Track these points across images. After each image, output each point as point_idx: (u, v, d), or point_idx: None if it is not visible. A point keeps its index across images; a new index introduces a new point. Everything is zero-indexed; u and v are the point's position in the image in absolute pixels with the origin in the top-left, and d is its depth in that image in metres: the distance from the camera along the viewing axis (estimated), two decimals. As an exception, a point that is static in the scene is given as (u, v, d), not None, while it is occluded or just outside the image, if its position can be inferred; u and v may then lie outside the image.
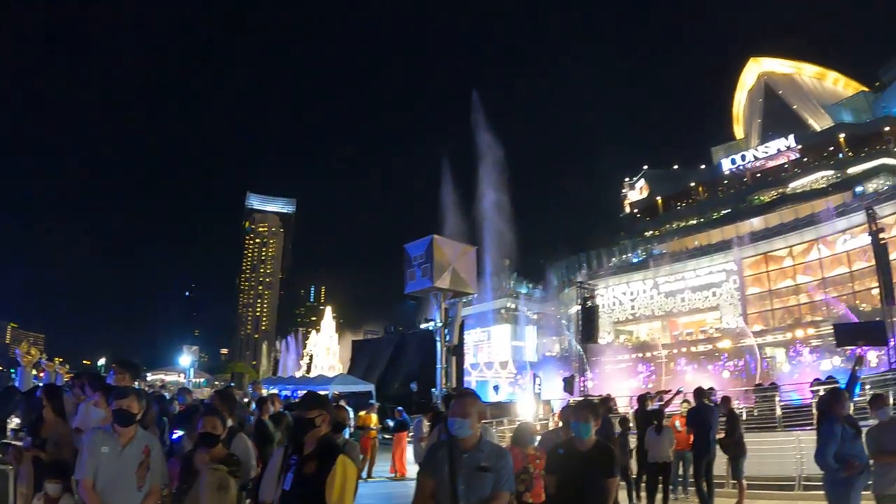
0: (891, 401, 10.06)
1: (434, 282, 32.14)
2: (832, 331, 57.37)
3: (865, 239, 62.60)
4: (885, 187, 73.26)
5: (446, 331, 34.05)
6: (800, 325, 64.18)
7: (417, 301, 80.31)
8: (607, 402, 16.40)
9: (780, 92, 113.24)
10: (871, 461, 7.80)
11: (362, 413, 22.79)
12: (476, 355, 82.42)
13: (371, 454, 21.38)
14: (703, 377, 50.37)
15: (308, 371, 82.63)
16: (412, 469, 18.69)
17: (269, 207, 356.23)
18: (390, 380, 51.07)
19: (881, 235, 34.34)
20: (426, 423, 15.27)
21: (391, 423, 24.56)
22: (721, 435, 13.94)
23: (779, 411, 21.56)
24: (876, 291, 59.21)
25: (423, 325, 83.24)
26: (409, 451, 21.34)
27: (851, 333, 27.16)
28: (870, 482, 7.88)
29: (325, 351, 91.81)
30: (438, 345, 33.73)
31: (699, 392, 13.69)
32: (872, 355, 42.58)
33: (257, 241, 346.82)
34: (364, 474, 19.55)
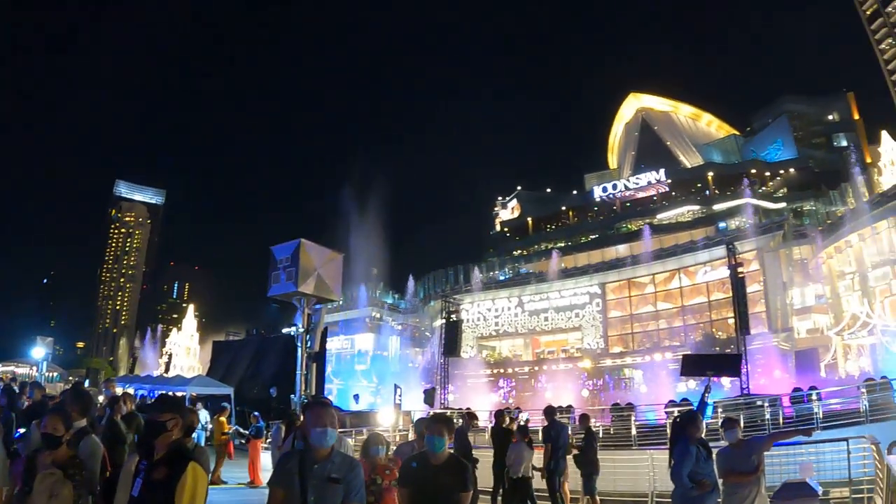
0: (741, 424, 10.30)
1: (298, 286, 30.74)
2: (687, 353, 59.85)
3: (724, 272, 64.48)
4: (747, 225, 76.03)
5: (308, 337, 32.60)
6: (658, 349, 65.72)
7: (281, 305, 78.48)
8: (472, 416, 15.82)
9: (656, 127, 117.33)
10: (721, 481, 8.10)
11: (216, 417, 22.27)
12: (339, 363, 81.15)
13: (219, 459, 20.26)
14: (564, 395, 50.81)
15: (167, 370, 79.26)
16: (267, 477, 17.40)
17: (138, 197, 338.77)
18: (250, 384, 48.84)
19: (739, 269, 35.52)
20: (283, 430, 14.70)
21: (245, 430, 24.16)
22: (576, 451, 14.20)
23: (634, 430, 22.62)
24: (731, 321, 61.64)
25: (285, 330, 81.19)
26: (267, 458, 20.06)
27: (697, 364, 27.46)
28: (719, 500, 8.15)
29: (185, 351, 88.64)
30: (299, 350, 32.24)
31: (550, 410, 13.97)
32: (726, 381, 43.78)
33: (123, 230, 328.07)
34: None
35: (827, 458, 12.89)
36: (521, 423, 15.66)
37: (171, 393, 35.46)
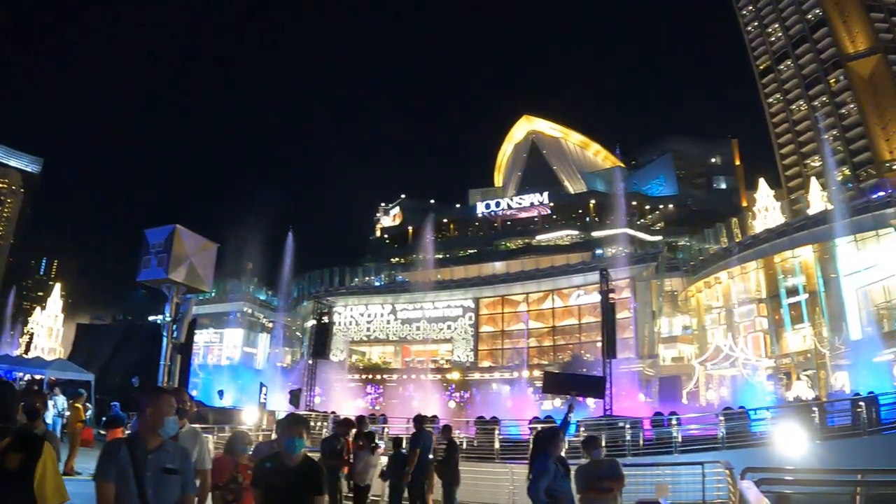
0: (602, 443, 10.46)
1: (169, 273, 28.91)
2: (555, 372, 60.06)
3: (597, 297, 65.85)
4: (623, 254, 77.44)
5: (175, 327, 30.56)
6: (527, 366, 66.05)
7: (150, 292, 75.41)
8: (349, 424, 14.82)
9: (545, 151, 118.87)
10: (578, 497, 8.07)
11: (72, 402, 20.88)
12: (206, 356, 78.40)
13: (73, 448, 18.69)
14: (430, 405, 50.14)
15: (26, 351, 74.28)
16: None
17: (13, 163, 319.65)
18: (112, 372, 45.94)
19: (612, 296, 35.71)
20: None
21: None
22: (438, 462, 14.20)
23: (497, 444, 22.81)
24: (599, 345, 62.40)
25: (151, 318, 77.54)
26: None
27: (559, 383, 27.29)
28: None
29: (47, 332, 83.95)
30: (165, 340, 30.21)
31: (419, 418, 13.93)
32: (591, 401, 44.02)
33: None
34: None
35: (683, 480, 13.70)
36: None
37: (28, 376, 32.78)
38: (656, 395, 53.87)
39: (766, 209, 61.38)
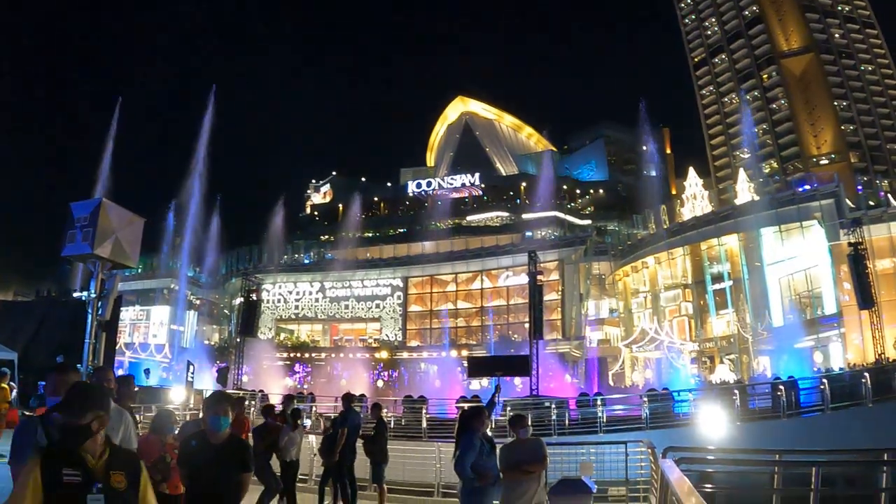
0: (529, 422, 9.98)
1: (94, 248, 27.72)
2: (483, 353, 60.31)
3: (525, 278, 66.31)
4: (552, 237, 78.05)
5: (100, 303, 29.41)
6: (455, 345, 66.13)
7: (74, 267, 73.61)
8: (291, 399, 15.55)
9: (478, 133, 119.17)
10: (502, 475, 8.16)
11: None
12: (132, 335, 76.50)
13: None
14: (358, 384, 49.98)
15: None
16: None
17: None
18: (36, 350, 44.38)
19: (540, 278, 36.18)
20: None
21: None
22: (365, 440, 14.38)
23: (425, 423, 23.53)
24: (527, 325, 62.82)
25: (75, 294, 75.29)
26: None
27: (485, 365, 27.34)
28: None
29: None
30: (89, 317, 29.03)
31: (348, 397, 14.18)
32: (518, 381, 44.36)
33: None
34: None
35: (607, 459, 13.85)
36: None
37: None
38: (582, 376, 54.65)
39: (695, 197, 62.36)
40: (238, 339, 48.28)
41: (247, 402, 29.60)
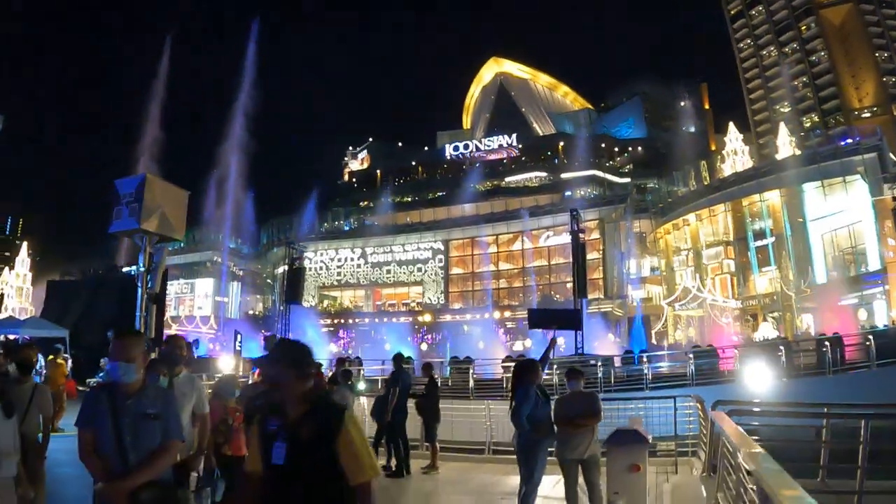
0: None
1: (141, 223, 28.62)
2: (525, 315, 60.77)
3: (566, 238, 66.19)
4: (592, 195, 77.87)
5: (149, 277, 30.44)
6: (497, 307, 66.65)
7: (119, 243, 74.99)
8: (343, 362, 15.97)
9: (513, 93, 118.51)
10: (556, 428, 8.48)
11: (52, 358, 20.70)
12: (177, 308, 78.23)
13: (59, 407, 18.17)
14: (403, 348, 50.82)
15: None
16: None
17: None
18: (85, 327, 45.65)
19: (581, 237, 35.99)
20: None
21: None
22: (419, 399, 14.50)
23: (472, 383, 23.93)
24: (570, 285, 62.92)
25: (124, 269, 76.67)
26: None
27: (544, 318, 27.82)
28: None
29: (16, 292, 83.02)
30: (140, 291, 30.04)
31: (398, 357, 14.38)
32: (561, 340, 44.58)
33: None
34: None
35: (654, 415, 13.65)
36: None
37: (2, 336, 32.86)
38: (625, 335, 54.89)
39: (735, 153, 61.86)
40: (282, 308, 49.08)
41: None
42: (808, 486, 4.15)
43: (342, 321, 72.22)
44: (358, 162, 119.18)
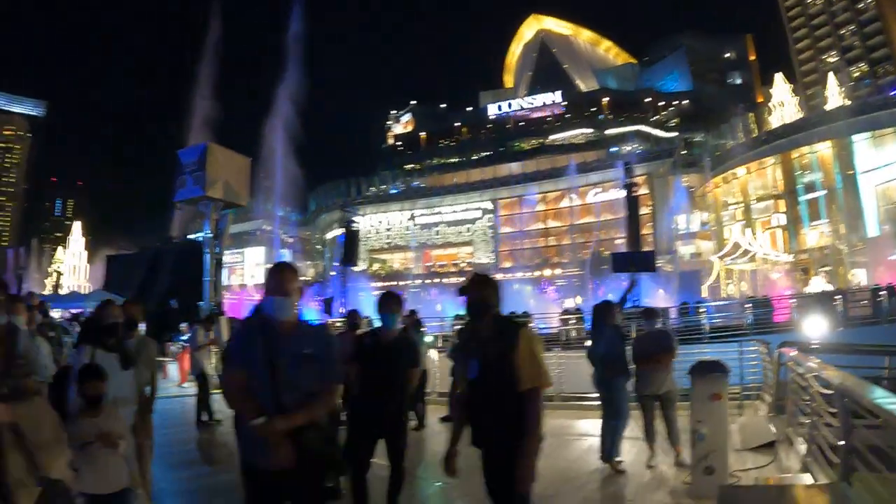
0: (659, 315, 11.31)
1: (206, 191, 29.76)
2: (575, 271, 61.52)
3: (614, 194, 66.64)
4: (638, 151, 77.72)
5: (216, 242, 31.78)
6: (547, 264, 67.17)
7: (172, 215, 76.31)
8: (413, 312, 15.69)
9: (555, 50, 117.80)
10: (634, 365, 8.94)
11: None
12: (229, 277, 79.32)
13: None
14: (454, 308, 51.69)
15: (55, 289, 76.26)
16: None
17: (16, 108, 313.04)
18: (147, 296, 47.26)
19: (635, 189, 36.09)
20: (202, 332, 15.39)
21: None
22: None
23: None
24: (619, 241, 63.55)
25: (190, 236, 78.58)
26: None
27: (625, 261, 28.35)
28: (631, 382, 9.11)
29: (71, 269, 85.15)
30: (207, 257, 31.31)
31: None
32: (612, 296, 45.08)
33: (1, 145, 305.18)
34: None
35: None
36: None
37: (70, 311, 33.91)
38: (676, 290, 55.21)
39: (783, 104, 61.42)
40: (333, 272, 49.95)
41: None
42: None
43: (393, 283, 72.53)
44: (401, 125, 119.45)
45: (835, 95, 58.55)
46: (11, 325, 6.15)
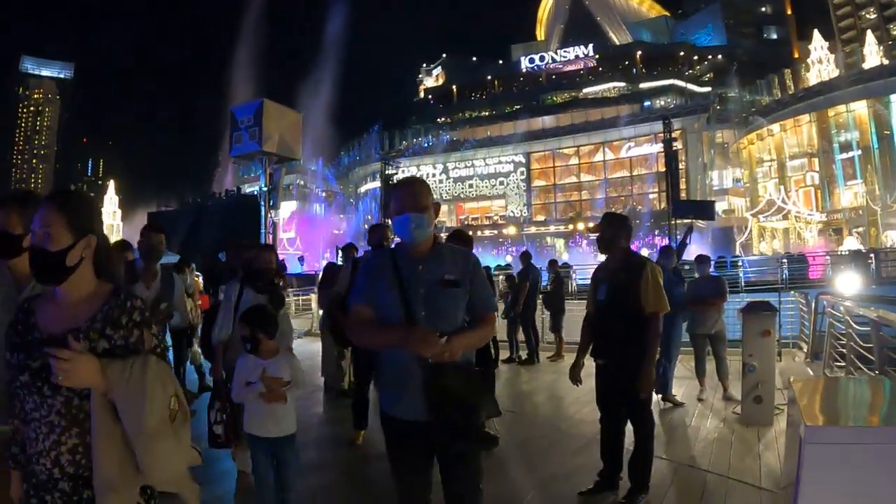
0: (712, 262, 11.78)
1: (262, 146, 31.09)
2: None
3: (648, 148, 67.15)
4: (672, 105, 77.57)
5: (271, 195, 33.32)
6: (580, 218, 67.67)
7: (214, 171, 76.87)
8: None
9: (587, 2, 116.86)
10: (689, 307, 9.74)
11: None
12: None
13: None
14: (487, 261, 52.67)
15: None
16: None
17: (46, 72, 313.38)
18: (192, 251, 48.57)
19: (675, 145, 36.37)
20: (237, 285, 15.74)
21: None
22: (545, 293, 15.80)
23: (574, 286, 25.11)
24: (652, 195, 64.23)
25: (248, 189, 79.59)
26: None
27: (686, 208, 28.82)
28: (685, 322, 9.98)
29: (107, 229, 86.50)
30: (263, 209, 32.79)
31: (526, 255, 15.29)
32: (645, 251, 45.70)
33: (31, 109, 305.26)
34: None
35: None
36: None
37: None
38: (710, 246, 55.73)
39: (820, 61, 61.16)
40: (366, 226, 50.53)
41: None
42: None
43: (428, 237, 73.47)
44: (433, 79, 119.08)
45: (872, 54, 58.19)
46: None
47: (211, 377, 5.98)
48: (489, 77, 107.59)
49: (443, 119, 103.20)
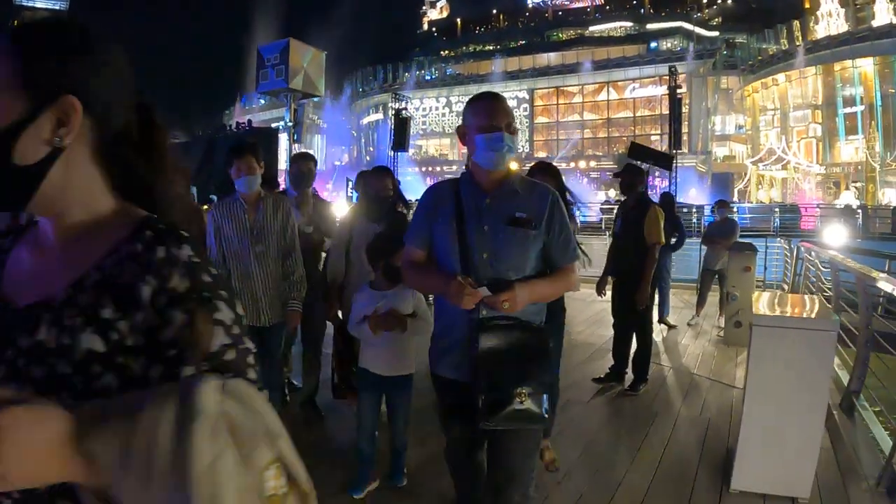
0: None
1: (289, 83, 32.16)
2: (610, 165, 62.50)
3: (652, 90, 67.25)
4: (679, 48, 77.14)
5: (295, 129, 34.56)
6: (582, 156, 68.05)
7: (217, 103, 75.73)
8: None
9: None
10: (704, 245, 11.80)
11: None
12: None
13: None
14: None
15: None
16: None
17: (39, 3, 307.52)
18: (202, 184, 48.75)
19: (680, 92, 36.75)
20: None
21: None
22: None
23: (578, 224, 24.42)
24: (654, 137, 64.48)
25: (274, 124, 79.10)
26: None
27: (642, 152, 29.54)
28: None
29: None
30: (287, 143, 34.09)
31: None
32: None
33: None
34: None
35: None
36: None
37: None
38: (708, 190, 56.26)
39: (830, 14, 60.65)
40: (368, 158, 50.62)
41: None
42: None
43: (429, 169, 74.36)
44: (437, 11, 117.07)
45: (882, 11, 57.74)
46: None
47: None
48: (494, 11, 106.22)
49: (446, 52, 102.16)
